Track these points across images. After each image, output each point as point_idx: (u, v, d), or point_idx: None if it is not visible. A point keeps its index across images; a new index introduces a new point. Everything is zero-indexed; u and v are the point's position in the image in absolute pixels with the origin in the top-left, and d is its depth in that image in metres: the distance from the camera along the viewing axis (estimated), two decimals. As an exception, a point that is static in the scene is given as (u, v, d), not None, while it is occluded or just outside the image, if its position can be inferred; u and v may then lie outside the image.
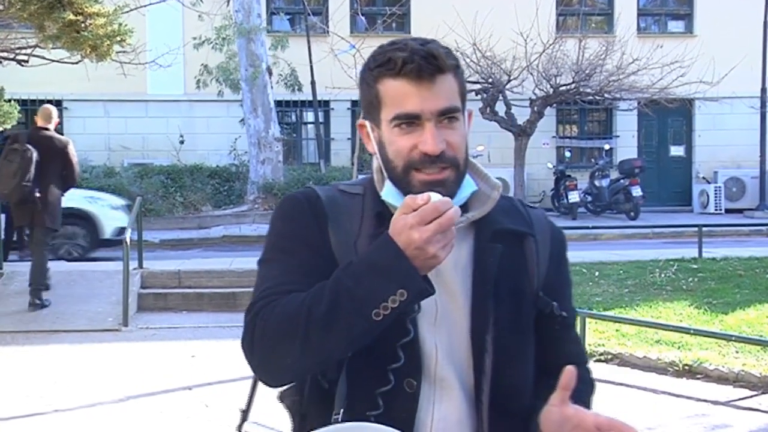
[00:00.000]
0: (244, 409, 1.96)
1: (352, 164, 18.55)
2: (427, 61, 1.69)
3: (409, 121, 1.70)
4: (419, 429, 1.71)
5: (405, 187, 1.72)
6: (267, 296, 1.70)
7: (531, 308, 1.82)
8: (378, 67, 1.73)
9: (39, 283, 9.65)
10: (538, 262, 1.84)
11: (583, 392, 1.81)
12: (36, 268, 9.68)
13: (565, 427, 1.68)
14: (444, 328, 1.74)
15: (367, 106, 1.78)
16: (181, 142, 21.26)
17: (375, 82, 1.74)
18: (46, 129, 9.78)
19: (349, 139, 21.76)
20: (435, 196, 1.59)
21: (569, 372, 1.68)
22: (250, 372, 1.76)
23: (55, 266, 11.84)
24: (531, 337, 1.83)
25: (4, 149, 9.60)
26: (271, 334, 1.65)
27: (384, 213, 1.76)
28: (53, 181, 9.61)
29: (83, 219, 13.22)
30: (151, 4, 13.95)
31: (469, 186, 1.78)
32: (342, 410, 1.69)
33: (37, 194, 9.42)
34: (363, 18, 20.49)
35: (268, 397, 1.92)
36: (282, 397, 1.88)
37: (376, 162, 1.81)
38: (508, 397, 1.78)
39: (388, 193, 1.76)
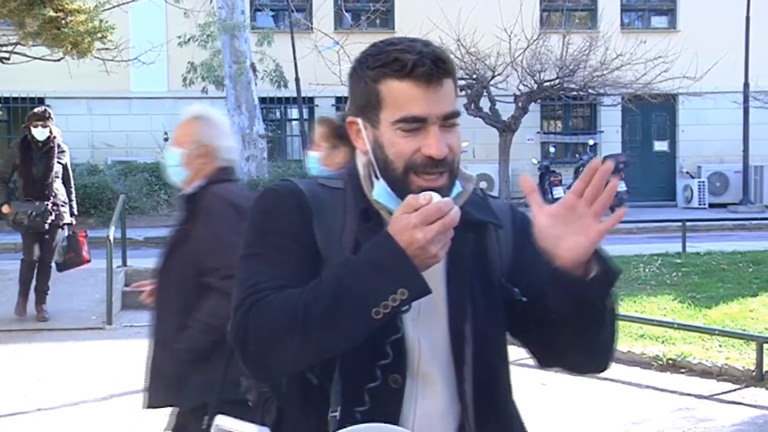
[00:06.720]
0: (212, 405, 1.96)
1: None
2: (436, 65, 1.70)
3: (414, 124, 1.70)
4: (402, 424, 1.72)
5: (402, 189, 1.71)
6: (257, 292, 1.69)
7: (499, 296, 1.83)
8: (381, 67, 1.72)
9: None
10: (500, 252, 1.85)
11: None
12: None
13: (558, 227, 1.67)
14: (426, 323, 1.75)
15: (363, 105, 1.75)
16: (165, 140, 21.13)
17: (375, 81, 1.72)
18: None
19: (333, 135, 21.70)
20: (436, 197, 1.61)
21: (524, 178, 1.69)
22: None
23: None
24: (504, 325, 1.84)
25: None
26: (267, 330, 1.65)
27: (369, 209, 1.76)
28: None
29: None
30: (133, 0, 13.90)
31: (456, 188, 1.78)
32: (339, 408, 1.69)
33: None
34: (348, 15, 20.46)
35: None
36: (245, 390, 1.88)
37: (363, 157, 1.79)
38: (488, 385, 1.80)
39: (380, 193, 1.75)
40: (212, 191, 3.46)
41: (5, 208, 9.24)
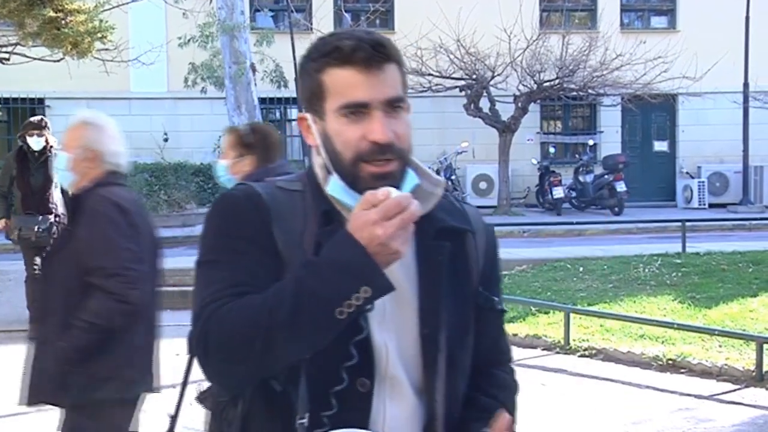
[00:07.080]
0: (173, 415, 1.92)
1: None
2: (375, 49, 1.67)
3: (357, 110, 1.67)
4: (371, 428, 1.70)
5: (353, 179, 1.69)
6: (218, 299, 1.65)
7: (472, 305, 1.83)
8: (322, 57, 1.70)
9: None
10: (477, 259, 1.85)
11: (507, 397, 1.88)
12: None
13: None
14: (392, 326, 1.73)
15: (309, 97, 1.74)
16: (165, 140, 21.18)
17: (318, 72, 1.71)
18: None
19: (333, 136, 21.71)
20: (395, 192, 1.57)
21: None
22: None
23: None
24: (472, 333, 1.84)
25: None
26: (228, 339, 1.60)
27: (331, 211, 1.73)
28: None
29: None
30: (132, 1, 13.91)
31: (411, 179, 1.75)
32: (308, 414, 1.65)
33: None
34: (348, 15, 20.45)
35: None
36: (202, 399, 1.86)
37: (319, 158, 1.77)
38: (455, 392, 1.80)
39: (335, 188, 1.72)
40: (98, 193, 3.59)
41: (2, 223, 8.88)
